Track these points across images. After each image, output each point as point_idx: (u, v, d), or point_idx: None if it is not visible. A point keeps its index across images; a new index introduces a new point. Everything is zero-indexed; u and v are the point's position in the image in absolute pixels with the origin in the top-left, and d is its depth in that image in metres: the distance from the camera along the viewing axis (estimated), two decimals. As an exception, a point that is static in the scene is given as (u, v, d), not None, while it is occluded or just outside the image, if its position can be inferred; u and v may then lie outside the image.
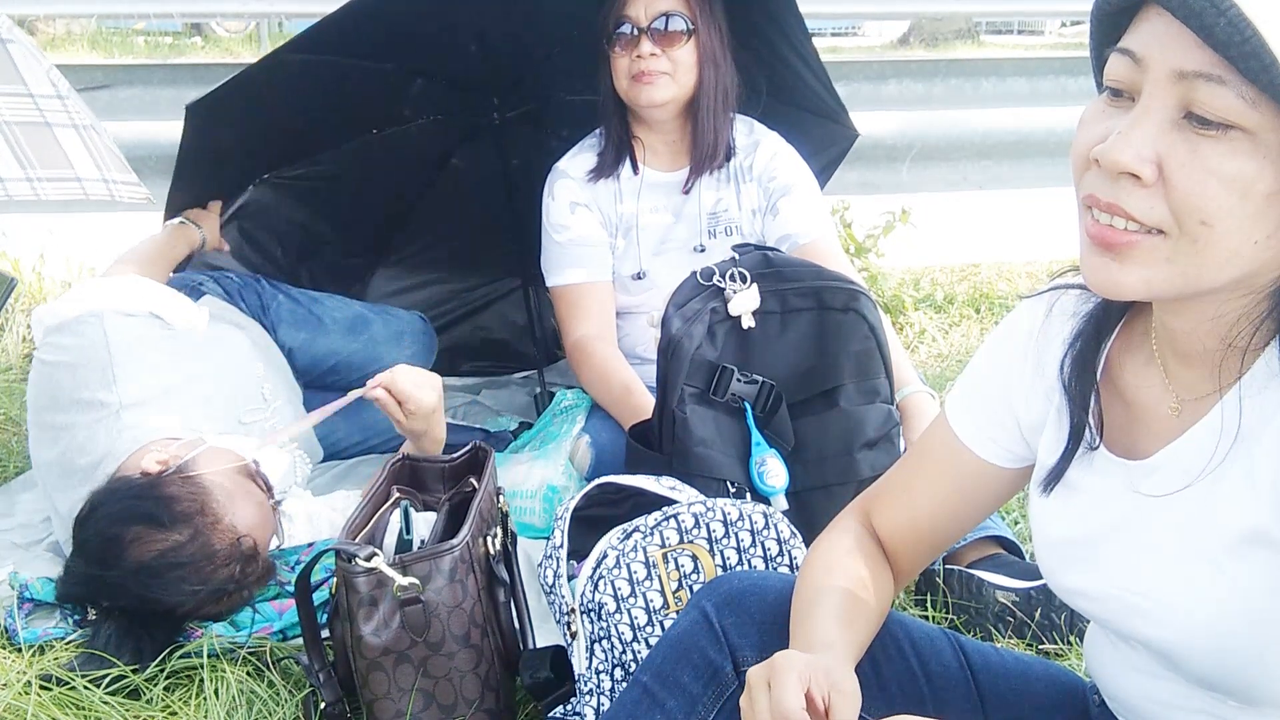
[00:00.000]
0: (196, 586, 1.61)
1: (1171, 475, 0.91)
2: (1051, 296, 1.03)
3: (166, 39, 8.95)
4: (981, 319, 3.57)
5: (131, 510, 1.64)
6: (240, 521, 1.67)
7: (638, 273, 2.29)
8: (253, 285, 2.39)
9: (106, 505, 1.66)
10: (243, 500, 1.71)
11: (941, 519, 1.15)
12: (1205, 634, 0.88)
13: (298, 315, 2.41)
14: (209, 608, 1.66)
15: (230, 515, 1.67)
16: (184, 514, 1.63)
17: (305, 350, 2.40)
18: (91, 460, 1.82)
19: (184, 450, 1.76)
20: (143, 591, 1.61)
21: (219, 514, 1.66)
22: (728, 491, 1.72)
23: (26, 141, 2.16)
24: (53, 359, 1.94)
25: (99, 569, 1.63)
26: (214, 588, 1.63)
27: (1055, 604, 1.74)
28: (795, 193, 2.28)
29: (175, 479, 1.69)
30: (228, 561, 1.64)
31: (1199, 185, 0.76)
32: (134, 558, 1.61)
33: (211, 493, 1.67)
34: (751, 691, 0.94)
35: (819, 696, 0.92)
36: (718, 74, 2.20)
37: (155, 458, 1.74)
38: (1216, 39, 0.73)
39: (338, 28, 2.19)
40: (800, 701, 0.90)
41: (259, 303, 2.37)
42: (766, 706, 0.91)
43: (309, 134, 2.57)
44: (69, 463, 1.86)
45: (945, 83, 4.22)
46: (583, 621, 1.40)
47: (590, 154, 2.31)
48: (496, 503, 1.64)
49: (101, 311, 1.93)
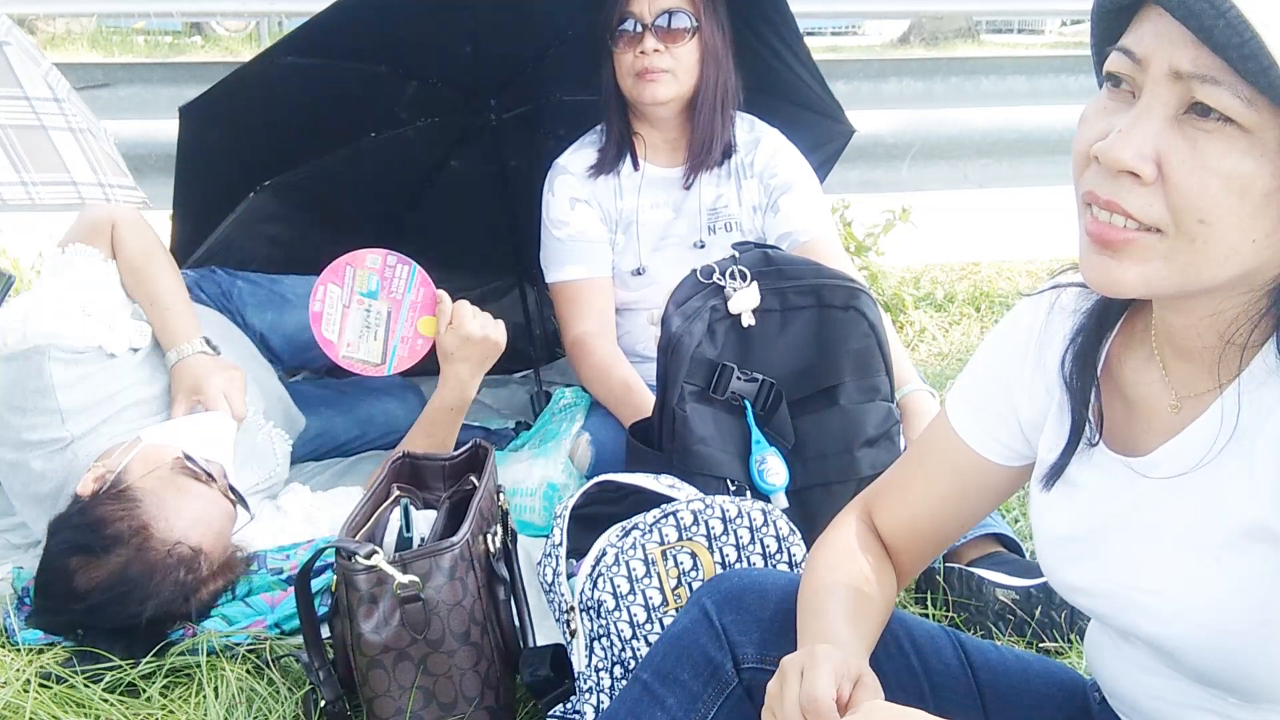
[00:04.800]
0: (142, 604, 1.60)
1: (1171, 471, 0.90)
2: (1052, 294, 1.03)
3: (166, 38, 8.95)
4: (982, 317, 3.57)
5: (70, 542, 1.63)
6: (176, 526, 1.65)
7: (637, 268, 2.29)
8: (209, 276, 2.37)
9: (54, 538, 1.66)
10: (176, 501, 1.68)
11: (942, 517, 1.15)
12: (1205, 629, 0.88)
13: (260, 296, 2.39)
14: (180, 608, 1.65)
15: (163, 522, 1.64)
16: (116, 535, 1.61)
17: (275, 329, 2.37)
18: (54, 486, 1.83)
19: (120, 457, 1.74)
20: (96, 620, 1.61)
21: (150, 525, 1.63)
22: (728, 489, 1.72)
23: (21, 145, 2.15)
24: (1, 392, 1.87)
25: (55, 603, 1.64)
26: (164, 597, 1.62)
27: (1055, 602, 1.74)
28: (796, 190, 2.28)
29: (105, 497, 1.66)
30: (170, 571, 1.62)
31: (1198, 183, 0.76)
32: (82, 589, 1.61)
33: (140, 503, 1.65)
34: (784, 676, 0.94)
35: (845, 690, 0.93)
36: (719, 71, 2.20)
37: (91, 476, 1.72)
38: (1215, 40, 0.73)
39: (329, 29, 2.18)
40: (832, 691, 0.91)
41: (219, 290, 2.35)
42: (796, 693, 0.92)
43: (306, 137, 2.57)
44: (32, 492, 1.86)
45: (945, 81, 4.22)
46: (582, 619, 1.40)
47: (591, 150, 2.31)
48: (496, 501, 1.64)
49: (45, 349, 1.84)
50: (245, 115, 2.36)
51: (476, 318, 2.01)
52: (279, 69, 2.29)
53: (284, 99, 2.37)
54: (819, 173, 2.48)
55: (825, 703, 0.90)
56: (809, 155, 2.38)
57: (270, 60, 2.30)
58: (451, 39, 2.45)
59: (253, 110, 2.36)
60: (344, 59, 2.38)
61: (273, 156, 2.58)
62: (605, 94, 2.26)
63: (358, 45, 2.36)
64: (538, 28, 2.51)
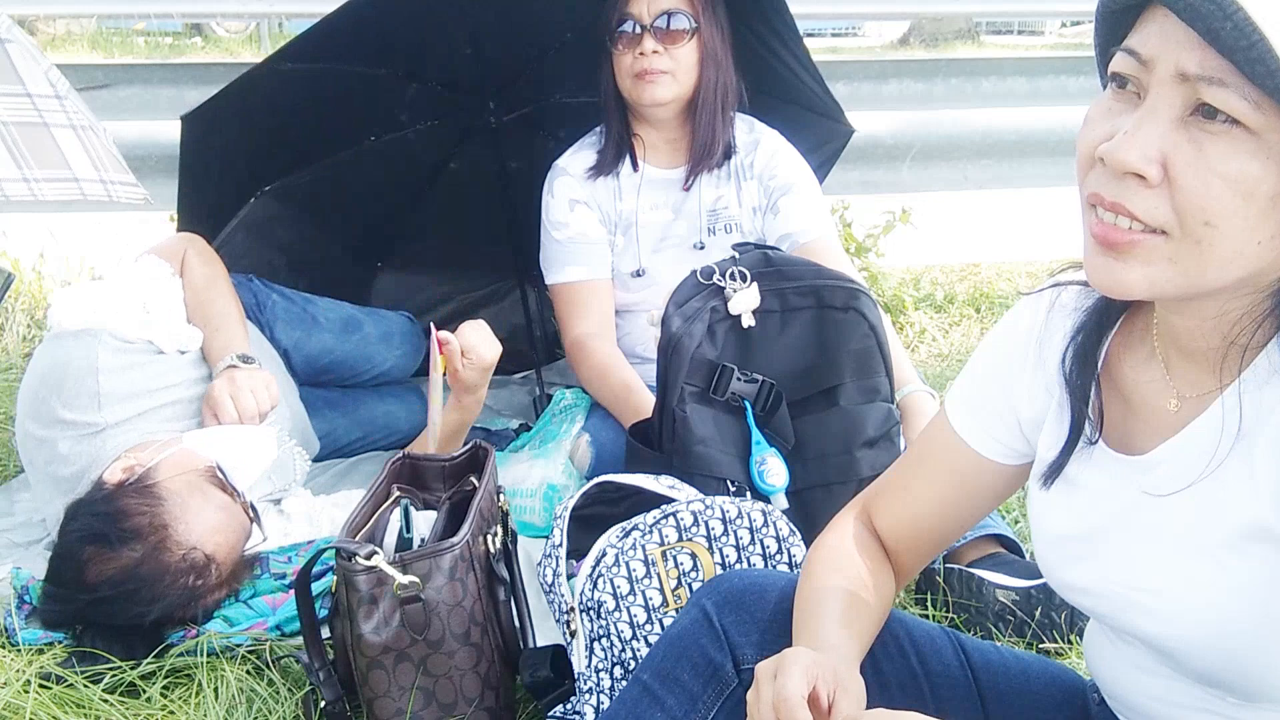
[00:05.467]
0: (149, 605, 1.61)
1: (1171, 471, 0.91)
2: (1052, 293, 1.03)
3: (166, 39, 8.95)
4: (982, 318, 3.57)
5: (88, 529, 1.64)
6: (194, 531, 1.66)
7: (637, 270, 2.29)
8: (245, 284, 2.38)
9: (74, 521, 1.67)
10: (200, 507, 1.69)
11: (941, 517, 1.15)
12: (1205, 630, 0.88)
13: (293, 314, 2.41)
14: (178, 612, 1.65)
15: (182, 525, 1.66)
16: (134, 530, 1.62)
17: (299, 349, 2.40)
18: (75, 471, 1.83)
19: (155, 453, 1.75)
20: (101, 615, 1.62)
21: (169, 526, 1.64)
22: (728, 490, 1.72)
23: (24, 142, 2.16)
24: (44, 367, 1.91)
25: (64, 590, 1.64)
26: (170, 601, 1.63)
27: (1055, 603, 1.74)
28: (796, 191, 2.28)
29: (131, 490, 1.68)
30: (180, 575, 1.63)
31: (1204, 185, 0.76)
32: (91, 579, 1.62)
33: (164, 502, 1.66)
34: (758, 684, 0.95)
35: (824, 694, 0.92)
36: (719, 72, 2.20)
37: (121, 465, 1.73)
38: (1222, 42, 0.73)
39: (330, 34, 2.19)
40: (803, 690, 0.91)
41: (254, 301, 2.37)
42: (770, 696, 0.92)
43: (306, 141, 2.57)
44: (53, 473, 1.87)
45: (945, 82, 4.22)
46: (582, 620, 1.40)
47: (590, 151, 2.31)
48: (497, 501, 1.64)
49: (98, 333, 1.88)
50: (246, 121, 2.37)
51: (484, 341, 1.97)
52: (280, 76, 2.30)
53: (284, 103, 2.37)
54: (819, 173, 2.49)
55: (795, 699, 0.90)
56: (808, 156, 2.38)
57: (271, 68, 2.30)
58: (451, 41, 2.45)
59: (253, 116, 2.36)
60: (344, 62, 2.38)
61: (274, 161, 2.59)
62: (604, 95, 2.26)
63: (358, 48, 2.36)
64: (537, 30, 2.51)
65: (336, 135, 2.61)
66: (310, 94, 2.39)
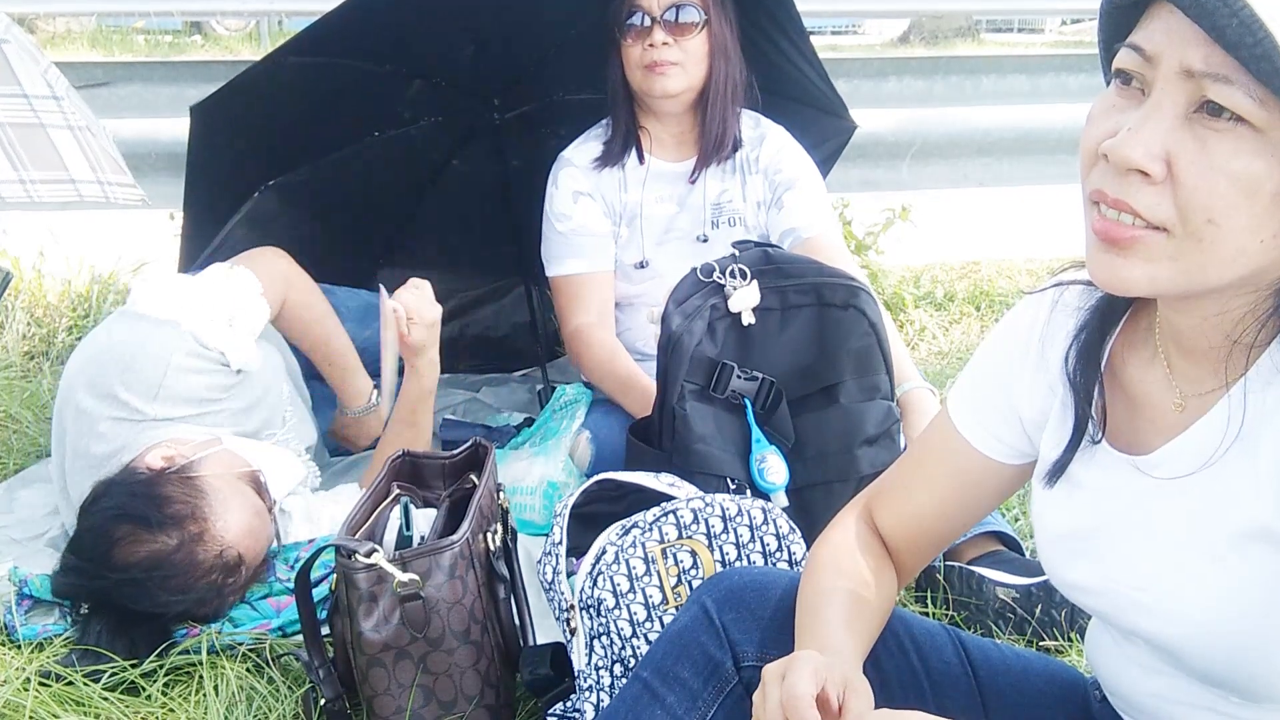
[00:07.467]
0: (177, 595, 1.62)
1: (1174, 470, 0.90)
2: (1055, 291, 1.03)
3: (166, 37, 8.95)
4: (982, 316, 3.57)
5: (125, 507, 1.64)
6: (230, 530, 1.67)
7: (640, 262, 2.29)
8: None
9: (106, 498, 1.66)
10: (238, 507, 1.70)
11: (943, 515, 1.14)
12: (1207, 629, 0.88)
13: None
14: (194, 610, 1.66)
15: (221, 522, 1.66)
16: (174, 517, 1.63)
17: None
18: (106, 451, 1.82)
19: (196, 449, 1.76)
20: (124, 597, 1.61)
21: (209, 520, 1.65)
22: (728, 488, 1.72)
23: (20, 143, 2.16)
24: (116, 341, 1.88)
25: (89, 565, 1.63)
26: (197, 595, 1.64)
27: (1056, 600, 1.74)
28: (800, 187, 2.28)
29: (174, 478, 1.68)
30: (210, 571, 1.64)
31: (1207, 182, 0.76)
32: (120, 559, 1.61)
33: (206, 496, 1.67)
34: (766, 685, 0.94)
35: (834, 695, 0.92)
36: (728, 66, 2.20)
37: (161, 453, 1.74)
38: (1228, 39, 0.72)
39: (335, 29, 2.18)
40: (812, 690, 0.91)
41: None
42: (778, 697, 0.91)
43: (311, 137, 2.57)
44: (85, 448, 1.85)
45: (946, 80, 4.22)
46: (582, 617, 1.39)
47: (596, 143, 2.31)
48: (496, 499, 1.64)
49: (183, 331, 1.88)
50: (251, 115, 2.37)
51: (424, 301, 2.02)
52: (285, 69, 2.29)
53: (289, 98, 2.37)
54: (821, 169, 2.48)
55: (805, 699, 0.90)
56: (812, 152, 2.38)
57: (276, 61, 2.30)
58: (455, 38, 2.45)
59: (258, 110, 2.36)
60: (347, 58, 2.38)
61: (277, 156, 2.58)
62: (612, 88, 2.26)
63: (361, 44, 2.36)
64: (541, 27, 2.51)
65: (339, 131, 2.60)
66: (314, 89, 2.38)
